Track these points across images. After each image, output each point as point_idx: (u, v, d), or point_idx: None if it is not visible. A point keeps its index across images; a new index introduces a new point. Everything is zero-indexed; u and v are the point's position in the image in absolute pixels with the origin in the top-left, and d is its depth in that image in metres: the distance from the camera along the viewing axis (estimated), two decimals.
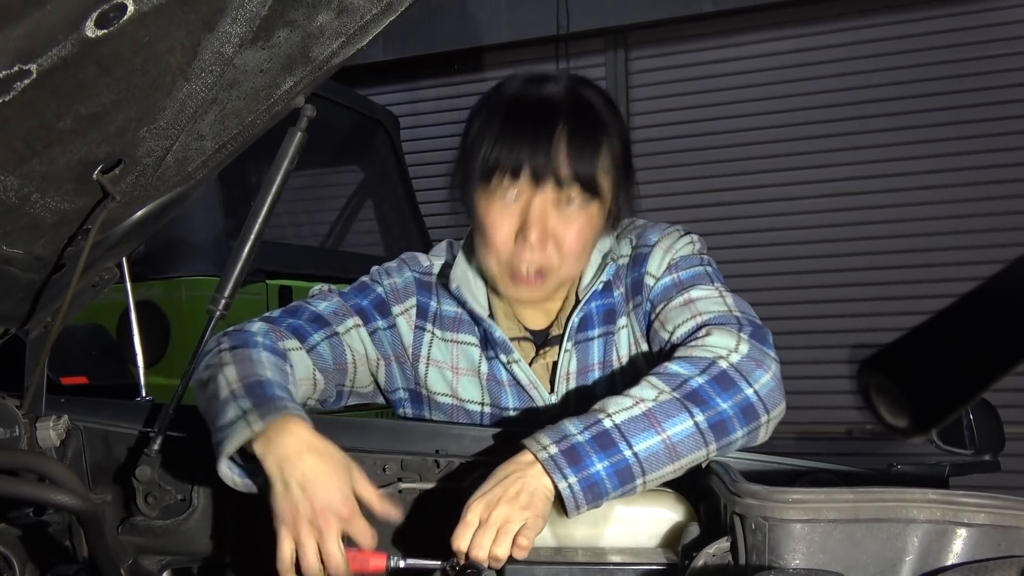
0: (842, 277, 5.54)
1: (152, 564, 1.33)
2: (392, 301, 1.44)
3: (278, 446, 1.08)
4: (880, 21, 5.55)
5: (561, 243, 1.32)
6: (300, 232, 4.82)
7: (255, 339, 1.27)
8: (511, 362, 1.40)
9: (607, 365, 1.41)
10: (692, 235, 1.43)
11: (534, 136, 1.28)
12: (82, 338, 3.15)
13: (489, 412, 1.43)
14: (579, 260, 1.37)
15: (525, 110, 1.31)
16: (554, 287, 1.38)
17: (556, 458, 1.11)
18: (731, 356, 1.20)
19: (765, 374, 1.20)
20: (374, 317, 1.42)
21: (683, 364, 1.20)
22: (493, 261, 1.35)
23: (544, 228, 1.31)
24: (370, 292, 1.44)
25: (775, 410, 1.20)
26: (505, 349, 1.40)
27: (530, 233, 1.30)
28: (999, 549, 0.92)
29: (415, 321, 1.45)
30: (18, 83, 0.80)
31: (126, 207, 1.11)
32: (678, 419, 1.14)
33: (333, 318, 1.38)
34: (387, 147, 4.78)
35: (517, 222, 1.32)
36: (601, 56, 6.15)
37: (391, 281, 1.46)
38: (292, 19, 0.93)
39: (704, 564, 1.00)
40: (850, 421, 5.40)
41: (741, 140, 5.77)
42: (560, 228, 1.32)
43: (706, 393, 1.16)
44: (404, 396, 1.46)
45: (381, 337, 1.43)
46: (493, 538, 1.07)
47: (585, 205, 1.32)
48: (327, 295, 1.43)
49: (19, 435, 1.26)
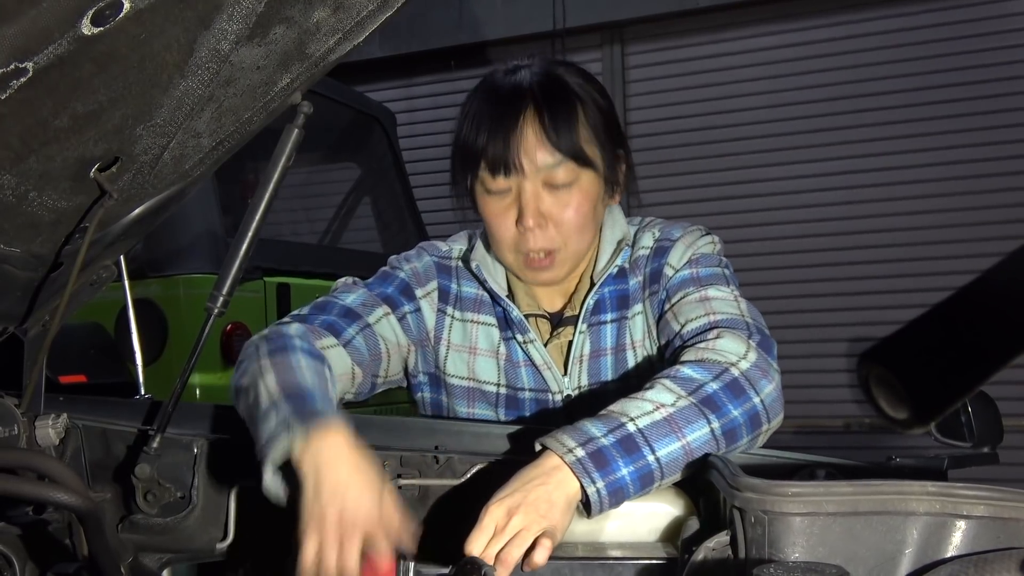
0: (839, 271, 5.55)
1: (152, 562, 1.33)
2: (415, 284, 1.47)
3: (317, 452, 1.07)
4: (876, 15, 5.55)
5: (560, 222, 1.36)
6: (298, 229, 4.82)
7: (293, 343, 1.26)
8: (527, 342, 1.43)
9: (620, 350, 1.43)
10: (713, 235, 1.47)
11: (505, 127, 1.33)
12: (80, 336, 3.15)
13: (505, 393, 1.45)
14: (584, 233, 1.40)
15: (496, 102, 1.36)
16: (570, 264, 1.42)
17: (583, 461, 1.10)
18: (740, 363, 1.21)
19: (769, 384, 1.21)
20: (401, 303, 1.44)
21: (696, 368, 1.20)
22: (504, 252, 1.41)
23: (539, 212, 1.35)
24: (393, 279, 1.47)
25: (775, 420, 1.22)
26: (522, 329, 1.43)
27: (527, 221, 1.34)
28: (998, 541, 0.92)
29: (437, 304, 1.48)
30: (14, 81, 0.80)
31: (123, 205, 1.11)
32: (696, 425, 1.15)
33: (363, 310, 1.40)
34: (384, 144, 4.78)
35: (514, 212, 1.36)
36: (598, 51, 6.14)
37: (412, 266, 1.49)
38: (288, 15, 0.93)
39: (704, 558, 1.00)
40: (849, 415, 5.41)
41: (738, 134, 5.77)
42: (555, 209, 1.35)
43: (720, 400, 1.17)
44: (424, 380, 1.49)
45: (409, 321, 1.45)
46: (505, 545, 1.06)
47: (576, 179, 1.35)
48: (352, 287, 1.45)
49: (18, 434, 1.26)
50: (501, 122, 1.33)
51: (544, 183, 1.34)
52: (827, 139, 5.60)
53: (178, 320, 3.45)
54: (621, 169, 1.44)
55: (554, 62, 1.42)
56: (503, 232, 1.38)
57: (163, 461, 1.27)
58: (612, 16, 5.97)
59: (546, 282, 1.44)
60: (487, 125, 1.34)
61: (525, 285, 1.46)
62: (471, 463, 1.26)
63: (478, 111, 1.37)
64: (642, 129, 5.91)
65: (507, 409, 1.45)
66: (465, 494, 1.14)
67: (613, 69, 6.08)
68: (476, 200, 1.40)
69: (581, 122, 1.35)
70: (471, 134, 1.36)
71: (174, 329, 3.45)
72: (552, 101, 1.34)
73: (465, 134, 1.37)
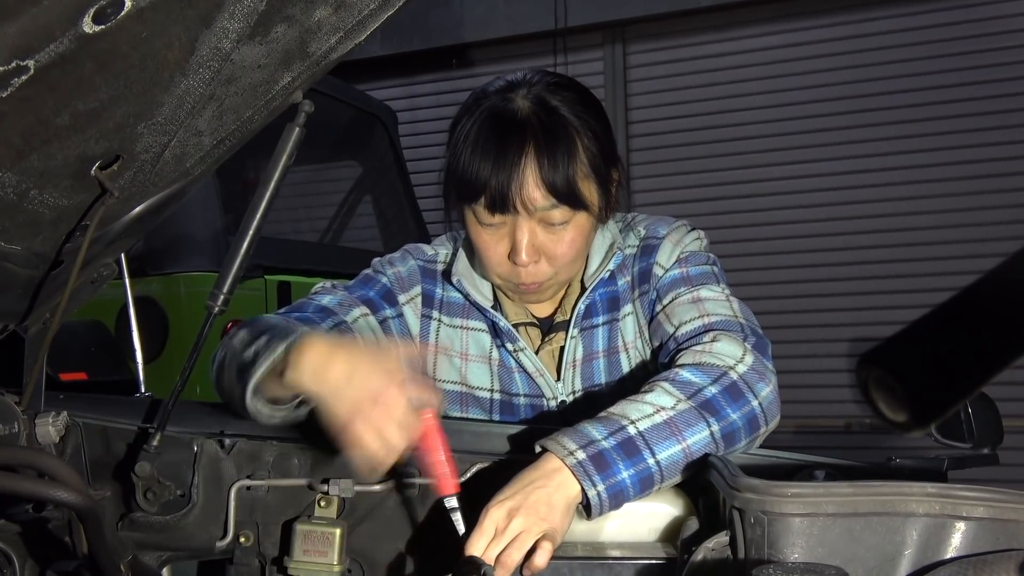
0: (840, 271, 5.55)
1: (152, 560, 1.33)
2: (398, 290, 1.44)
3: (305, 364, 1.07)
4: (878, 15, 5.54)
5: (554, 257, 1.34)
6: (299, 228, 4.82)
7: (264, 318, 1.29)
8: (517, 351, 1.42)
9: (612, 352, 1.42)
10: (699, 231, 1.46)
11: (507, 168, 1.28)
12: (81, 334, 3.15)
13: (499, 399, 1.44)
14: (575, 264, 1.39)
15: (496, 138, 1.29)
16: (559, 288, 1.41)
17: (584, 464, 1.10)
18: (738, 367, 1.21)
19: (766, 387, 1.22)
20: (382, 307, 1.42)
21: (695, 372, 1.20)
22: (492, 276, 1.39)
23: (533, 247, 1.32)
24: (375, 283, 1.44)
25: (772, 422, 1.23)
26: (511, 338, 1.42)
27: (520, 257, 1.32)
28: (998, 542, 0.92)
29: (421, 310, 1.45)
30: (15, 79, 0.80)
31: (124, 203, 1.10)
32: (696, 429, 1.15)
33: (339, 309, 1.38)
34: (385, 142, 4.78)
35: (507, 244, 1.33)
36: (599, 51, 6.14)
37: (395, 270, 1.46)
38: (290, 14, 0.93)
39: (703, 558, 1.00)
40: (849, 415, 5.41)
41: (739, 134, 5.77)
42: (549, 244, 1.33)
43: (719, 404, 1.17)
44: None
45: (390, 326, 1.42)
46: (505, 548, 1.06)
47: (571, 217, 1.32)
48: (330, 290, 1.43)
49: (18, 431, 1.26)
50: (501, 162, 1.28)
51: (540, 221, 1.32)
52: (828, 139, 5.60)
53: (179, 318, 3.45)
54: (614, 189, 1.40)
55: (551, 85, 1.35)
56: (494, 262, 1.35)
57: (163, 459, 1.27)
58: (613, 15, 5.96)
59: (534, 302, 1.44)
60: (488, 162, 1.29)
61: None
62: (471, 463, 1.26)
63: (476, 139, 1.30)
64: (643, 129, 5.91)
65: (502, 414, 1.44)
66: (465, 494, 1.14)
67: (614, 68, 6.08)
68: (468, 227, 1.37)
69: (579, 159, 1.30)
70: (470, 167, 1.30)
71: (175, 327, 3.45)
72: (551, 139, 1.29)
73: (464, 164, 1.31)
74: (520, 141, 1.28)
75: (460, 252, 1.46)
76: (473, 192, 1.30)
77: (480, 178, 1.29)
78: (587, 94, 1.38)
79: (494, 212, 1.31)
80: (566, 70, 5.91)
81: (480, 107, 1.34)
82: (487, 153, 1.29)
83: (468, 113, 1.35)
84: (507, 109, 1.31)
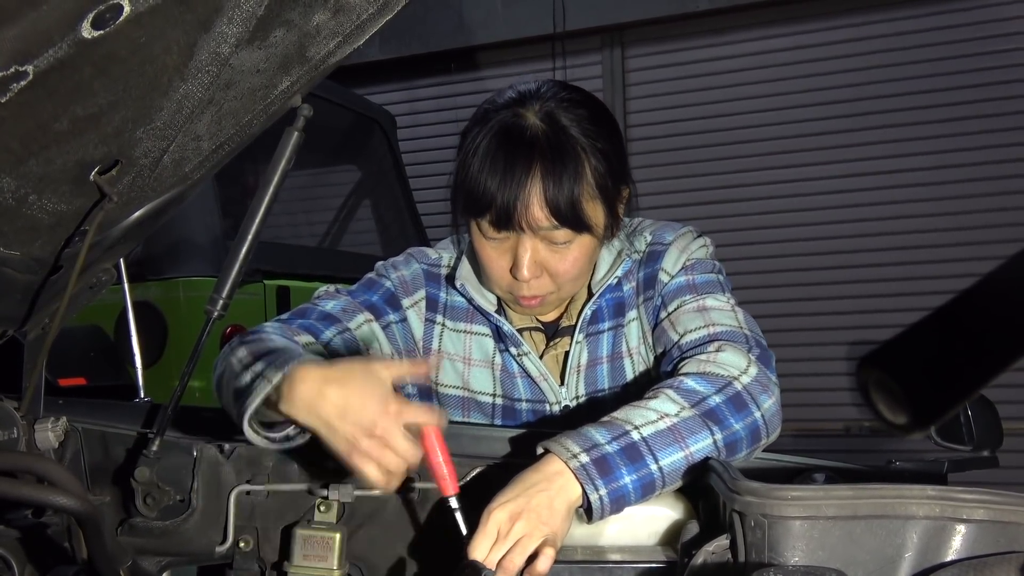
0: (840, 274, 5.54)
1: (151, 565, 1.33)
2: (401, 294, 1.44)
3: (299, 396, 1.07)
4: (876, 18, 5.54)
5: (556, 273, 1.33)
6: (298, 232, 4.82)
7: (266, 331, 1.29)
8: (521, 355, 1.42)
9: (616, 358, 1.42)
10: (705, 237, 1.45)
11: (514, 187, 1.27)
12: (80, 339, 3.15)
13: (501, 404, 1.44)
14: (577, 281, 1.38)
15: (504, 156, 1.28)
16: (560, 303, 1.41)
17: (588, 467, 1.10)
18: (742, 377, 1.21)
19: (769, 399, 1.22)
20: (385, 312, 1.41)
21: (699, 381, 1.20)
22: (494, 288, 1.39)
23: (535, 263, 1.32)
24: (379, 287, 1.44)
25: (774, 434, 1.23)
26: (515, 342, 1.41)
27: (522, 273, 1.31)
28: (998, 545, 0.92)
29: (425, 314, 1.45)
30: (14, 84, 0.80)
31: (123, 208, 1.11)
32: (700, 437, 1.15)
33: (343, 315, 1.37)
34: (384, 146, 4.78)
35: (510, 258, 1.33)
36: (597, 54, 6.14)
37: (399, 274, 1.45)
38: (288, 19, 0.93)
39: (703, 562, 1.00)
40: (848, 418, 5.40)
41: (737, 138, 5.77)
42: (552, 261, 1.33)
43: (723, 413, 1.17)
44: (412, 391, 1.46)
45: (394, 331, 1.42)
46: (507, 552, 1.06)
47: (575, 238, 1.32)
48: (334, 295, 1.42)
49: (17, 437, 1.26)
50: (508, 180, 1.27)
51: (543, 239, 1.31)
52: (827, 142, 5.60)
53: (178, 323, 3.45)
54: (622, 205, 1.39)
55: (564, 101, 1.33)
56: (496, 275, 1.35)
57: (162, 464, 1.27)
58: (612, 19, 5.96)
59: (536, 314, 1.43)
60: (495, 179, 1.28)
61: None
62: (470, 466, 1.26)
63: (484, 154, 1.29)
64: (642, 132, 5.91)
65: (503, 419, 1.44)
66: (465, 497, 1.14)
67: (613, 72, 6.08)
68: (473, 238, 1.36)
69: (586, 181, 1.29)
70: (477, 182, 1.29)
71: (174, 332, 3.45)
72: (558, 160, 1.27)
73: (472, 178, 1.30)
74: (527, 160, 1.27)
75: (464, 256, 1.46)
76: (480, 207, 1.30)
77: (487, 194, 1.28)
78: (601, 110, 1.36)
79: (499, 228, 1.30)
80: (564, 74, 5.92)
81: (491, 120, 1.32)
82: (495, 170, 1.28)
83: (479, 124, 1.33)
84: (516, 125, 1.30)
